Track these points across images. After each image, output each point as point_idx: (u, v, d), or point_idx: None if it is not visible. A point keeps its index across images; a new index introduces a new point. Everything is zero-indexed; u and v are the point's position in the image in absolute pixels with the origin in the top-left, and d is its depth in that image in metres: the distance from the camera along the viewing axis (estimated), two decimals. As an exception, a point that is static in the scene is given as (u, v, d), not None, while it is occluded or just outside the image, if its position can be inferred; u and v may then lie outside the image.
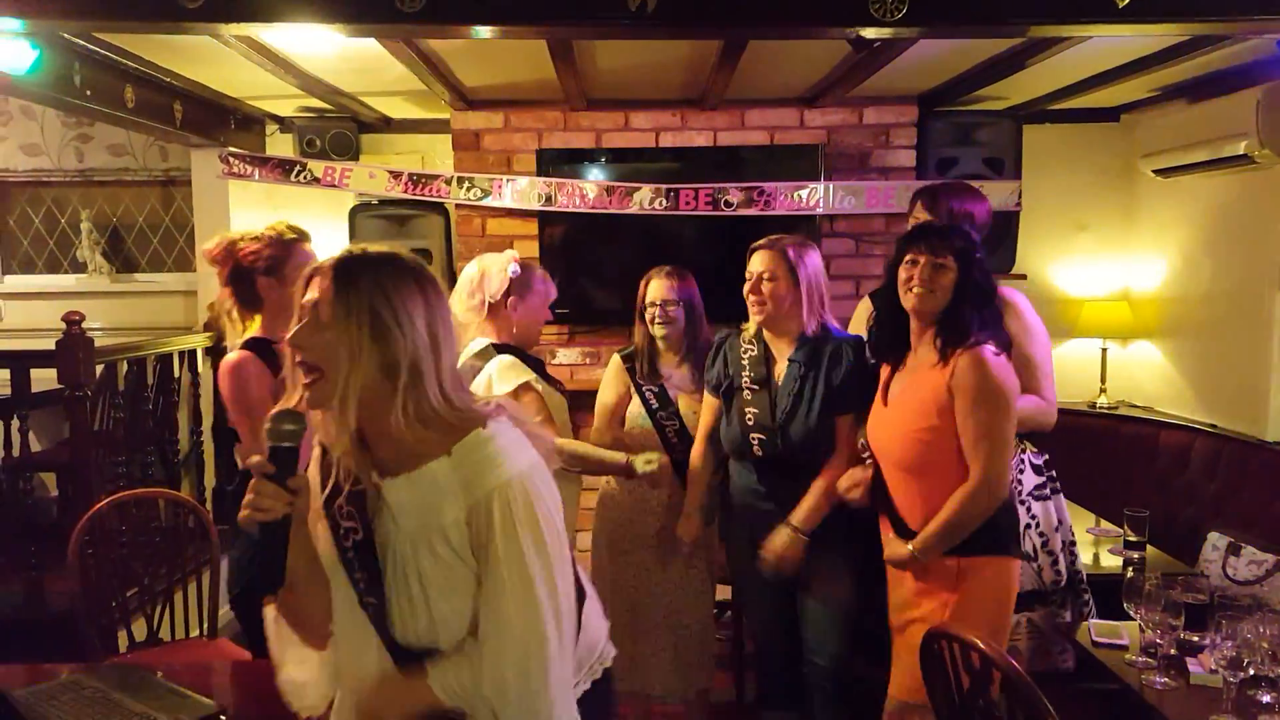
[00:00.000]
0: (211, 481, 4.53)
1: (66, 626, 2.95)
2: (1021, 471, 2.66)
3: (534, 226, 4.41)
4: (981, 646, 1.79)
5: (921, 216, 2.75)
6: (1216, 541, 3.28)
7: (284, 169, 4.42)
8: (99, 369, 3.61)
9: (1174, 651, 2.15)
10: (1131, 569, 2.74)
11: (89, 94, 3.45)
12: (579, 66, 3.70)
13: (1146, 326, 4.60)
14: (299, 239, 2.49)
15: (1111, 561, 3.05)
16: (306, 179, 4.42)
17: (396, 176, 4.41)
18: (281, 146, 4.78)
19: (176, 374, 4.28)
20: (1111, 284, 4.74)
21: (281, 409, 1.42)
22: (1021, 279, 4.45)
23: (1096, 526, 3.40)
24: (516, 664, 1.38)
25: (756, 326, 2.74)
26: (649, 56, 3.64)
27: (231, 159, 4.40)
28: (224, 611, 3.01)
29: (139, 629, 3.06)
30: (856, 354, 2.66)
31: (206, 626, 3.08)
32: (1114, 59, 3.60)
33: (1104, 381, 4.59)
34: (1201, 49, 3.32)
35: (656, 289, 2.96)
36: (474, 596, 1.42)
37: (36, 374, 3.84)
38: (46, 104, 4.35)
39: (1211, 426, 3.97)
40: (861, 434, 2.55)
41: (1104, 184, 4.74)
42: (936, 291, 2.30)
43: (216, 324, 2.42)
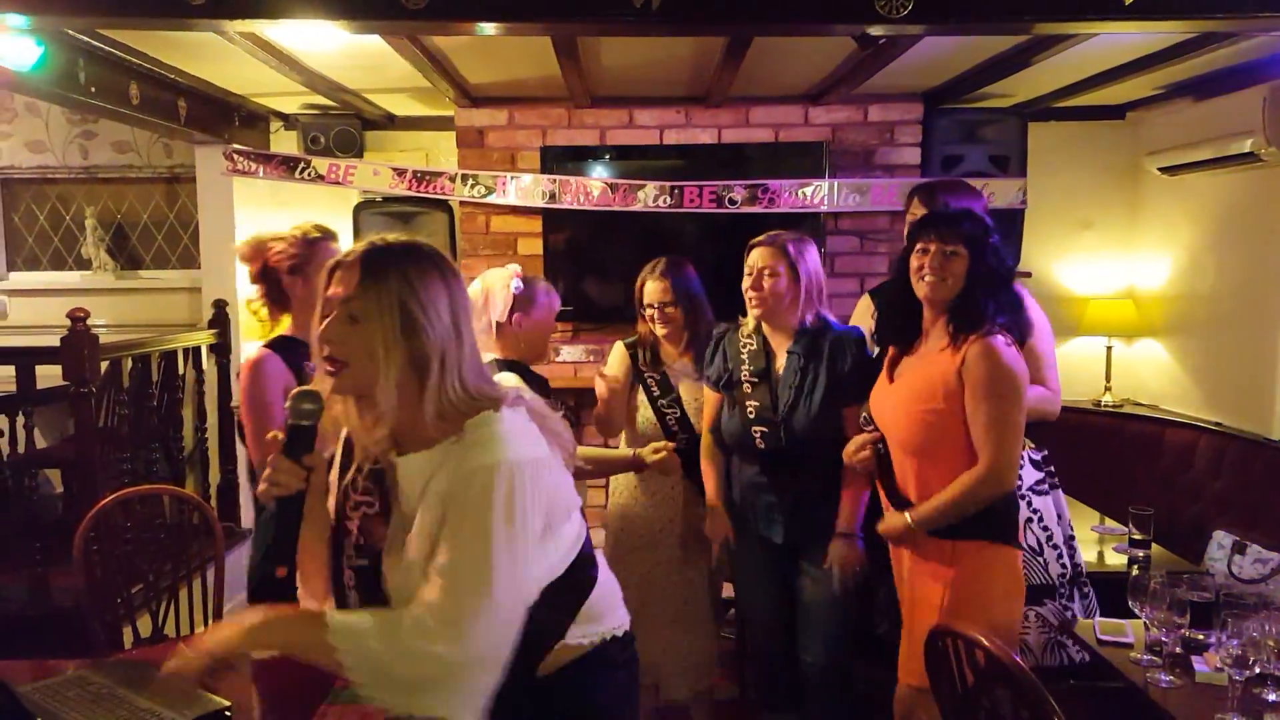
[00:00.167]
0: (216, 478, 4.54)
1: (72, 622, 2.96)
2: (1021, 467, 2.66)
3: (538, 224, 4.42)
4: (986, 644, 1.79)
5: (919, 213, 2.77)
6: (1222, 540, 3.28)
7: (288, 166, 4.43)
8: (104, 366, 3.61)
9: (1179, 650, 2.14)
10: (1136, 567, 2.73)
11: (94, 91, 3.45)
12: (583, 64, 3.69)
13: (1151, 324, 4.59)
14: (323, 238, 2.50)
15: (1116, 559, 3.04)
16: (311, 176, 4.43)
17: (400, 174, 4.42)
18: (286, 144, 4.78)
19: (181, 371, 4.29)
20: (1117, 282, 4.73)
21: (302, 389, 1.47)
22: (1026, 276, 4.44)
23: (1101, 524, 3.39)
24: (442, 609, 1.36)
25: (755, 320, 2.74)
26: (653, 54, 3.64)
27: (236, 156, 4.41)
28: (229, 608, 3.02)
29: (144, 625, 3.07)
30: (858, 346, 2.67)
31: (211, 622, 3.08)
32: (1119, 56, 3.59)
33: (1109, 379, 4.59)
34: (1207, 46, 3.31)
35: (651, 291, 2.94)
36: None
37: (42, 370, 3.86)
38: (51, 101, 4.36)
39: (1217, 425, 3.97)
40: (865, 408, 2.55)
41: (1109, 182, 4.74)
42: (948, 279, 2.29)
43: (256, 316, 2.52)
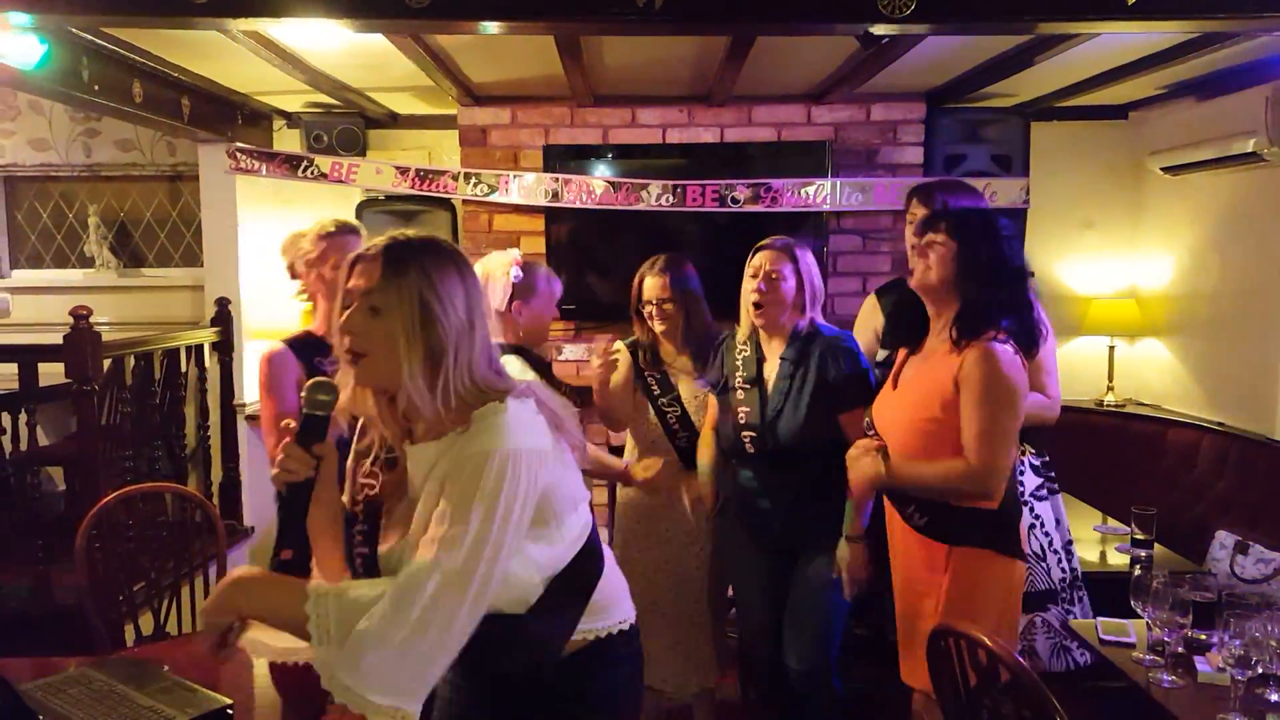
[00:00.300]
0: (218, 475, 4.54)
1: (74, 620, 2.96)
2: (1022, 473, 2.66)
3: (540, 222, 4.42)
4: (988, 644, 1.79)
5: (918, 213, 2.77)
6: (1224, 540, 3.28)
7: (291, 164, 4.43)
8: (106, 363, 3.62)
9: (1181, 650, 2.14)
10: (1139, 567, 2.73)
11: (97, 89, 3.45)
12: (586, 63, 3.69)
13: (1154, 324, 4.59)
14: (338, 232, 2.59)
15: (1119, 559, 3.04)
16: (313, 174, 4.43)
17: (403, 172, 4.42)
18: (289, 142, 4.78)
19: (183, 369, 4.30)
20: (1119, 282, 4.73)
21: (318, 380, 1.50)
22: (1029, 276, 4.43)
23: (1104, 524, 3.39)
24: (407, 574, 1.37)
25: (750, 326, 2.74)
26: (656, 53, 3.64)
27: (239, 154, 4.41)
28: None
29: (146, 623, 3.07)
30: (849, 353, 2.65)
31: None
32: (1122, 56, 3.58)
33: (1111, 379, 4.58)
34: (1210, 46, 3.30)
35: (650, 288, 2.95)
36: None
37: (44, 368, 3.87)
38: (54, 99, 4.36)
39: (1219, 424, 3.96)
40: (868, 413, 2.55)
41: (1112, 181, 4.73)
42: (931, 268, 2.29)
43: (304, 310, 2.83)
